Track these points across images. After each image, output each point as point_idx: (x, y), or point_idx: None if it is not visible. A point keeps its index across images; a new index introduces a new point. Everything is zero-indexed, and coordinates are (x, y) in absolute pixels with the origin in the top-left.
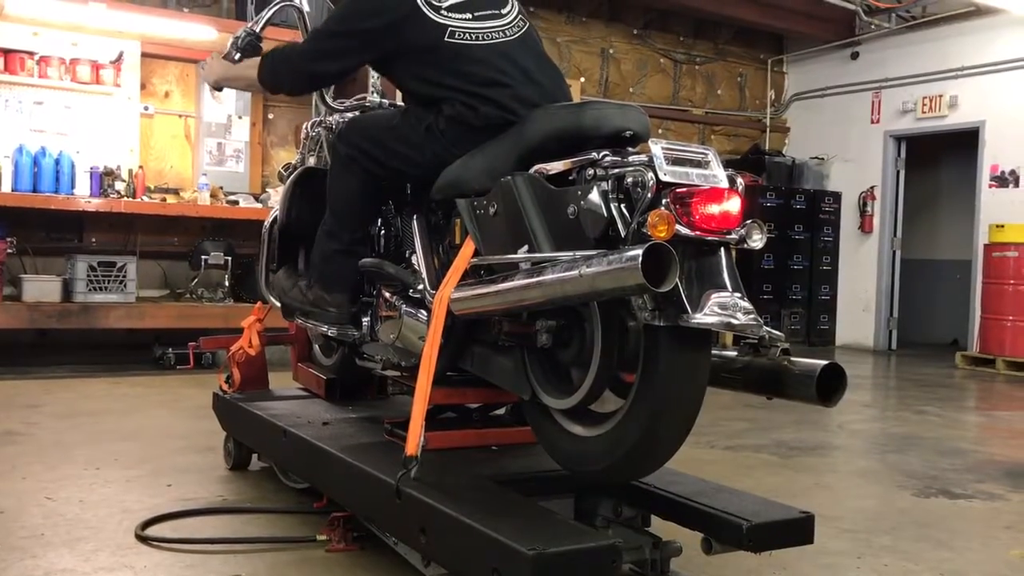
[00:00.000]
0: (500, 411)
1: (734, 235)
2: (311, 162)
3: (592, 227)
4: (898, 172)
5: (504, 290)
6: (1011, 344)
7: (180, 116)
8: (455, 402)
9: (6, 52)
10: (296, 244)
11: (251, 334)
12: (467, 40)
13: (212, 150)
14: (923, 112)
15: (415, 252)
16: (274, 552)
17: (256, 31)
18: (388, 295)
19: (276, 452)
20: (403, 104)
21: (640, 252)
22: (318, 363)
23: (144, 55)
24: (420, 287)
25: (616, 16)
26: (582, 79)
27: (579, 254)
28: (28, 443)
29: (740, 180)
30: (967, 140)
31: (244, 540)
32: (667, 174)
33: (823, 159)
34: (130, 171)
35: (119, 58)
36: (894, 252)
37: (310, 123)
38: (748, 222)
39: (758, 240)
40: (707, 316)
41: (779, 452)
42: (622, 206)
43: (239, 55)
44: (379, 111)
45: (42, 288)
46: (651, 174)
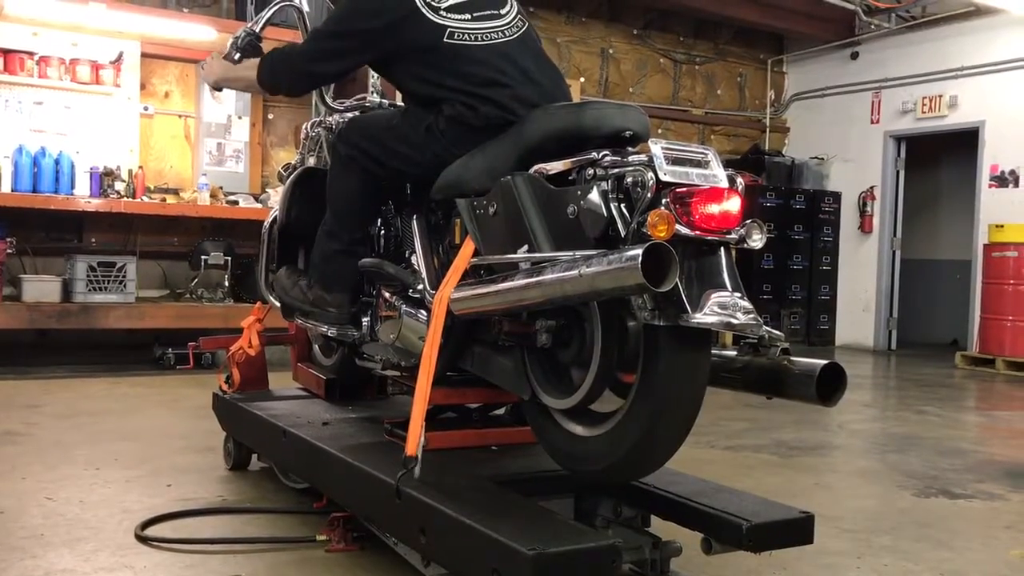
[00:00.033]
0: (500, 411)
1: (734, 235)
2: (311, 162)
3: (592, 227)
4: (898, 172)
5: (504, 290)
6: (1011, 344)
7: (180, 116)
8: (455, 402)
9: (6, 52)
10: (296, 244)
11: (251, 334)
12: (466, 41)
13: (212, 150)
14: (923, 112)
15: (415, 252)
16: (274, 552)
17: (256, 31)
18: (388, 295)
19: (276, 452)
20: (403, 104)
21: (640, 252)
22: (318, 363)
23: (144, 55)
24: (420, 287)
25: (616, 16)
26: (582, 79)
27: (579, 254)
28: (28, 443)
29: (740, 180)
30: (967, 140)
31: (244, 540)
32: (667, 174)
33: (823, 159)
34: (130, 171)
35: (119, 58)
36: (894, 252)
37: (310, 123)
38: (748, 222)
39: (758, 240)
40: (707, 316)
41: (779, 452)
42: (622, 206)
43: (239, 55)
44: (379, 111)
45: (42, 288)
46: (651, 174)
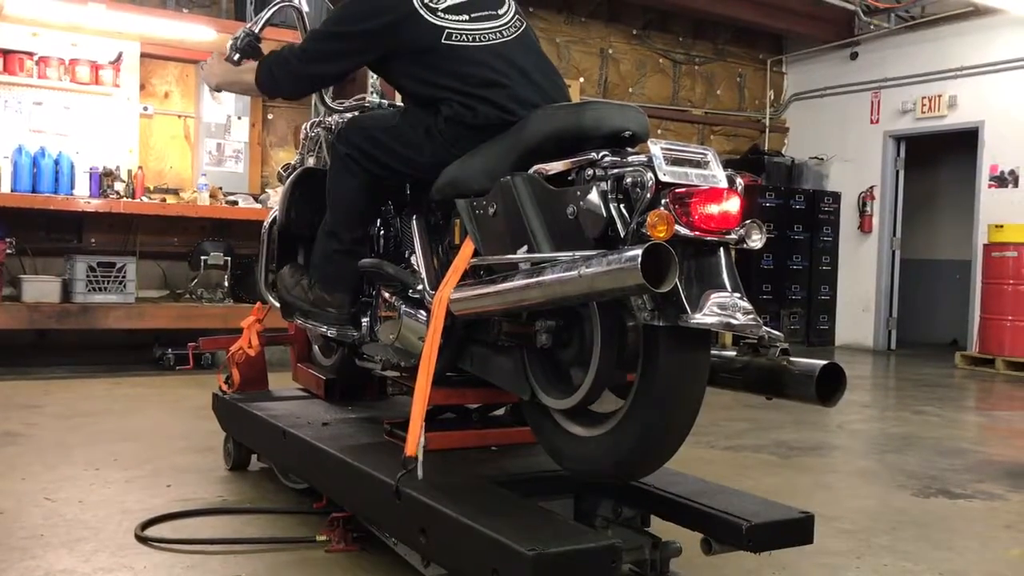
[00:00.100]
0: (500, 411)
1: (733, 235)
2: (310, 162)
3: (591, 227)
4: (897, 172)
5: (503, 290)
6: (1010, 344)
7: (179, 116)
8: (455, 402)
9: (5, 53)
10: (296, 244)
11: (250, 335)
12: (464, 41)
13: (211, 150)
14: (922, 112)
15: (414, 252)
16: (274, 552)
17: (255, 32)
18: (387, 295)
19: (276, 453)
20: (402, 104)
21: (639, 252)
22: (318, 364)
23: (143, 55)
24: (419, 287)
25: (615, 16)
26: (581, 79)
27: (578, 254)
28: (28, 444)
29: (739, 180)
30: (966, 140)
31: (244, 540)
32: (666, 174)
33: (822, 159)
34: (129, 171)
35: (118, 58)
36: (893, 252)
37: (309, 123)
38: (747, 222)
39: (757, 240)
40: (706, 316)
41: (779, 452)
42: (621, 206)
43: (238, 56)
44: (378, 111)
45: (41, 289)
46: (650, 174)
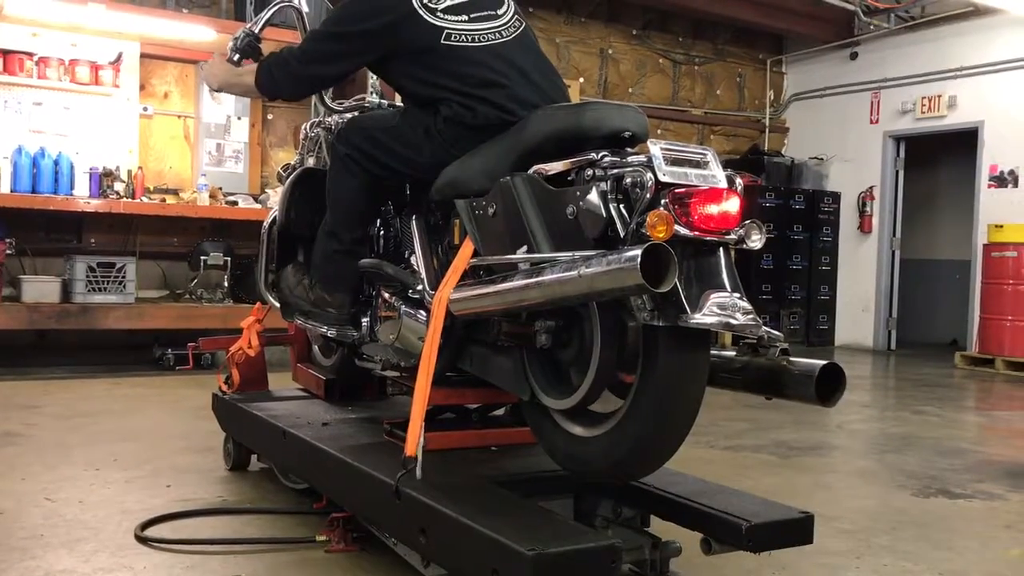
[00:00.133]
0: (499, 411)
1: (733, 235)
2: (310, 163)
3: (591, 227)
4: (897, 172)
5: (503, 290)
6: (1010, 344)
7: (179, 117)
8: (455, 402)
9: (5, 53)
10: (295, 245)
11: (250, 335)
12: (463, 42)
13: (211, 151)
14: (922, 112)
15: (414, 253)
16: (274, 553)
17: (255, 32)
18: (387, 296)
19: (276, 453)
20: (402, 105)
21: (639, 252)
22: (317, 364)
23: (143, 56)
24: (419, 287)
25: (615, 16)
26: (581, 79)
27: (578, 254)
28: (28, 444)
29: (739, 180)
30: (966, 140)
31: (244, 541)
32: (666, 174)
33: (822, 159)
34: (129, 172)
35: (118, 59)
36: (893, 252)
37: (309, 124)
38: (747, 222)
39: (757, 240)
40: (706, 316)
41: (778, 452)
42: (621, 206)
43: (238, 56)
44: (378, 112)
45: (41, 289)
46: (650, 174)
